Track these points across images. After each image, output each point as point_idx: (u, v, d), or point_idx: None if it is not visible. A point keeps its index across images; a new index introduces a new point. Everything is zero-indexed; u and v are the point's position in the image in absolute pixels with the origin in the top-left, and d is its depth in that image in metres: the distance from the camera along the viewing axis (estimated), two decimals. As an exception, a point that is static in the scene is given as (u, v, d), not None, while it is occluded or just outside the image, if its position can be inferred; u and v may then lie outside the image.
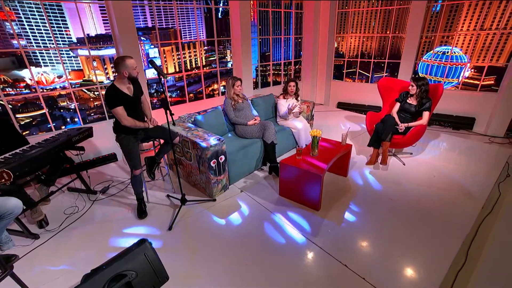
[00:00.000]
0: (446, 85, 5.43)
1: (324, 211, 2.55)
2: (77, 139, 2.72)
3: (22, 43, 3.99)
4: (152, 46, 3.98)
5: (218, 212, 2.59)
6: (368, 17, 5.84)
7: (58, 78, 3.19)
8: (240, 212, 2.58)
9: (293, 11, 5.61)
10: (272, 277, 1.87)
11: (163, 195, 2.89)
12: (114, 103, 2.23)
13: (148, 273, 1.69)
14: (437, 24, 5.23)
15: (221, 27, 4.60)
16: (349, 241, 2.18)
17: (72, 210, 2.67)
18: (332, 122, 5.08)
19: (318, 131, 2.64)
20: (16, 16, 3.72)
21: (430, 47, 5.57)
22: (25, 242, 2.26)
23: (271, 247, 2.14)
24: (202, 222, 2.46)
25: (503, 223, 2.52)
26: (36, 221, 2.45)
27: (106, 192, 2.98)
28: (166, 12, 3.98)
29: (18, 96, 3.31)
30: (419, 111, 3.21)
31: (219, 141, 2.60)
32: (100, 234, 2.35)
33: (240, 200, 2.77)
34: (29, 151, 2.33)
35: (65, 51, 4.96)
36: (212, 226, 2.40)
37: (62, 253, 2.15)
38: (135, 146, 2.46)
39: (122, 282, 1.57)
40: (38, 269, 2.00)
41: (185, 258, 2.06)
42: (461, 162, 3.49)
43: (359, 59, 5.68)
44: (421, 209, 2.54)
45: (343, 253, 2.05)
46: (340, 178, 3.12)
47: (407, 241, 2.17)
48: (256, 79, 5.76)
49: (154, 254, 1.76)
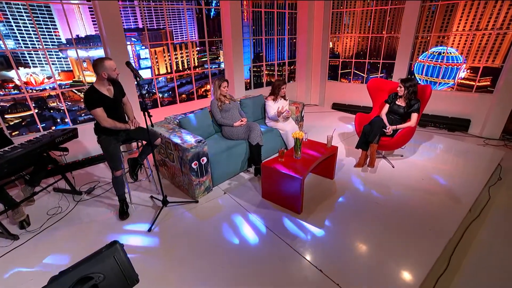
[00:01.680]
0: (442, 86, 5.36)
1: (305, 214, 2.52)
2: (61, 140, 2.72)
3: (11, 45, 4.04)
4: (143, 47, 3.98)
5: (198, 214, 2.58)
6: (364, 17, 5.80)
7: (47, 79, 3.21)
8: (220, 214, 2.56)
9: (286, 11, 5.59)
10: (243, 279, 1.85)
11: (147, 196, 2.89)
12: (93, 105, 2.23)
13: (116, 276, 1.68)
14: (433, 24, 5.15)
15: (214, 27, 4.59)
16: (327, 245, 2.15)
17: (55, 211, 2.68)
18: (325, 123, 5.03)
19: (301, 133, 2.61)
20: (4, 17, 3.74)
21: (426, 47, 5.49)
22: (3, 243, 2.27)
23: (246, 250, 2.12)
24: (181, 224, 2.45)
25: (489, 228, 2.47)
26: (18, 221, 2.46)
27: (92, 193, 2.99)
28: (157, 13, 3.98)
29: (6, 97, 3.36)
30: (408, 112, 3.16)
31: (200, 143, 2.59)
32: (80, 235, 2.35)
33: (222, 202, 2.76)
34: (9, 152, 2.34)
35: (54, 52, 5.01)
36: (191, 228, 2.39)
37: (40, 254, 2.15)
38: (116, 148, 2.46)
39: (88, 284, 1.56)
40: (12, 271, 2.00)
41: (159, 261, 2.05)
42: (452, 165, 3.43)
43: (353, 59, 5.63)
44: (405, 213, 2.49)
45: (319, 257, 2.02)
46: (326, 181, 3.09)
47: (388, 245, 2.13)
48: (249, 80, 5.75)
49: (124, 257, 1.75)
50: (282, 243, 2.18)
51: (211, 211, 2.62)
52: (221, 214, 2.56)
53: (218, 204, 2.73)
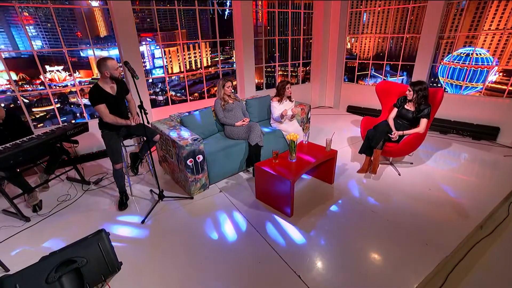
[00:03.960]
0: (469, 90, 4.93)
1: (296, 217, 2.48)
2: (72, 133, 2.96)
3: (39, 45, 4.46)
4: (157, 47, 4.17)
5: (191, 210, 2.65)
6: (385, 17, 5.52)
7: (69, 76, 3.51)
8: (212, 212, 2.61)
9: (302, 11, 5.50)
10: (217, 275, 1.87)
11: (147, 190, 3.02)
12: (96, 101, 2.39)
13: (98, 262, 1.79)
14: (461, 23, 4.75)
15: (228, 28, 4.67)
16: (311, 251, 2.09)
17: (64, 198, 2.91)
18: (336, 126, 4.89)
19: (295, 135, 2.57)
20: (34, 20, 4.14)
21: (453, 48, 5.09)
22: (17, 223, 2.52)
23: (227, 248, 2.14)
24: (174, 218, 2.53)
25: (500, 248, 2.24)
26: (31, 205, 2.71)
27: (99, 183, 3.20)
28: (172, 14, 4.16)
29: (34, 92, 3.74)
30: (417, 117, 2.96)
31: (195, 141, 2.66)
32: (81, 222, 2.53)
33: (216, 200, 2.80)
34: (26, 142, 2.59)
35: (75, 51, 5.46)
36: (181, 224, 2.46)
37: (44, 236, 2.36)
38: (117, 142, 2.61)
39: (71, 267, 1.69)
40: (19, 249, 2.21)
41: (144, 252, 2.14)
42: (468, 176, 3.15)
43: (371, 61, 5.38)
44: (402, 224, 2.35)
45: (299, 263, 1.98)
46: (325, 185, 3.00)
47: (374, 257, 2.02)
48: (262, 80, 5.75)
49: (108, 244, 1.86)
50: (265, 244, 2.16)
51: (204, 208, 2.67)
52: (212, 212, 2.61)
53: (212, 201, 2.78)
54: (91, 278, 1.74)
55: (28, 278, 1.57)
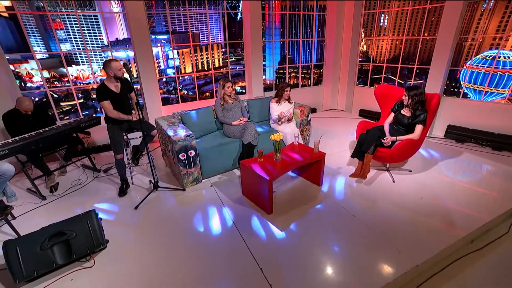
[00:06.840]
0: (493, 96, 4.54)
1: (275, 215, 2.56)
2: (86, 125, 3.34)
3: (68, 47, 5.03)
4: (171, 49, 4.50)
5: (181, 200, 2.86)
6: (403, 18, 5.29)
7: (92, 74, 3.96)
8: (199, 204, 2.78)
9: (314, 13, 5.48)
10: (187, 262, 2.03)
11: (147, 180, 3.30)
12: (102, 98, 2.70)
13: (86, 237, 2.05)
14: (488, 23, 4.41)
15: (240, 30, 4.85)
16: (280, 248, 2.17)
17: (76, 182, 3.30)
18: (343, 129, 4.81)
19: (279, 135, 2.65)
20: (64, 25, 4.68)
21: (478, 51, 4.72)
22: (35, 201, 2.93)
23: (204, 238, 2.30)
24: (163, 207, 2.76)
25: (486, 265, 2.11)
26: (49, 186, 3.13)
27: (108, 172, 3.56)
28: (185, 17, 4.45)
29: (62, 88, 4.28)
30: (413, 123, 2.86)
31: (188, 137, 2.86)
32: (84, 204, 2.86)
33: (205, 193, 2.98)
34: (47, 131, 3.01)
35: (98, 52, 6.08)
36: (168, 212, 2.67)
37: (55, 214, 2.72)
38: (119, 135, 2.91)
39: (62, 238, 1.97)
40: (33, 222, 2.59)
41: (132, 233, 2.39)
42: (470, 187, 2.95)
43: (385, 64, 5.19)
44: (380, 230, 2.31)
45: (266, 258, 2.06)
46: (313, 187, 3.03)
47: (341, 259, 2.03)
48: (274, 82, 5.84)
49: (96, 223, 2.12)
50: (239, 237, 2.28)
51: (192, 200, 2.87)
52: (199, 204, 2.79)
53: (201, 195, 2.96)
54: (78, 250, 2.01)
55: (27, 243, 1.87)
